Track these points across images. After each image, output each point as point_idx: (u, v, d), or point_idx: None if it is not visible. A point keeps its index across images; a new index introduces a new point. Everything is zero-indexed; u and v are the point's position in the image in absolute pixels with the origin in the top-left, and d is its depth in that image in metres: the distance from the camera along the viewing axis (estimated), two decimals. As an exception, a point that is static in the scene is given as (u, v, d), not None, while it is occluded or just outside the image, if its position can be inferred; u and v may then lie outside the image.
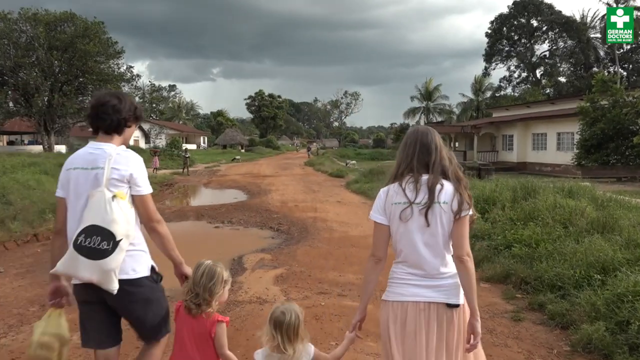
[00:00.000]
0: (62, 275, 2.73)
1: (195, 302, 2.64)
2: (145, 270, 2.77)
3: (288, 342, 2.49)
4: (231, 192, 20.09)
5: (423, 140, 2.60)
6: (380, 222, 2.56)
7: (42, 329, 2.83)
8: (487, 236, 8.09)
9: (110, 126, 2.77)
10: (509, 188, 10.70)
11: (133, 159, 2.73)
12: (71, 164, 2.76)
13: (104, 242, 2.53)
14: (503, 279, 6.38)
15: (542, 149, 32.85)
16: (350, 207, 14.33)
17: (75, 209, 2.67)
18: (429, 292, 2.49)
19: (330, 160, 44.23)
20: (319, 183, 22.90)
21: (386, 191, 2.58)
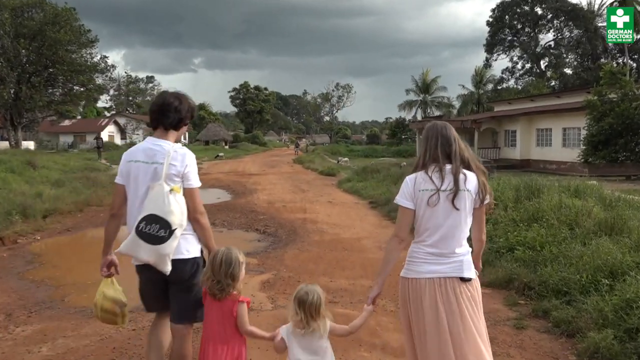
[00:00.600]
0: (124, 255, 3.30)
1: (218, 288, 3.09)
2: (197, 252, 3.37)
3: (311, 319, 2.97)
4: (214, 192, 20.00)
5: (443, 133, 3.10)
6: (406, 206, 3.00)
7: (102, 296, 3.61)
8: (488, 238, 8.10)
9: (170, 124, 3.38)
10: (511, 187, 10.75)
11: (187, 156, 3.31)
12: (132, 156, 3.36)
13: (161, 230, 3.12)
14: (505, 284, 6.41)
15: (546, 145, 33.08)
16: (342, 207, 14.34)
17: (135, 198, 3.29)
18: (444, 268, 2.97)
19: (320, 157, 44.25)
20: (308, 182, 22.89)
21: (413, 179, 3.02)
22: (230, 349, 3.12)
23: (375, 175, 20.80)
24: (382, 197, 14.86)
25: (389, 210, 12.79)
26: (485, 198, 3.04)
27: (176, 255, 3.22)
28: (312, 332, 2.99)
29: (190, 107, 3.49)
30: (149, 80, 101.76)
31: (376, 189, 16.86)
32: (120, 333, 5.14)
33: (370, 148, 61.10)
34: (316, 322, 2.99)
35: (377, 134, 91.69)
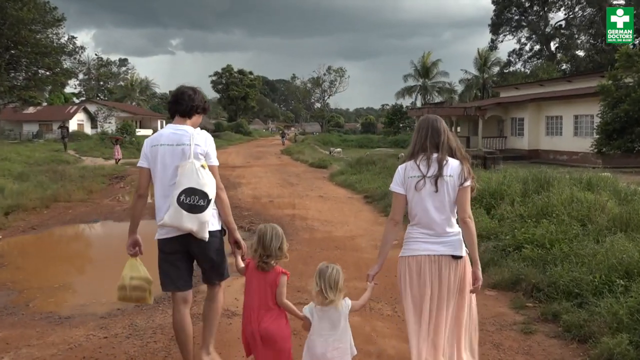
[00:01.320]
0: (168, 226, 3.98)
1: (267, 262, 3.68)
2: (219, 225, 4.12)
3: (330, 290, 3.48)
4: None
5: (434, 125, 3.73)
6: (399, 192, 3.71)
7: (130, 275, 4.32)
8: (493, 236, 8.15)
9: (184, 111, 4.14)
10: (518, 180, 10.79)
11: (208, 138, 4.11)
12: (156, 141, 4.08)
13: (201, 200, 3.85)
14: (512, 286, 6.44)
15: (556, 134, 33.26)
16: (335, 202, 14.34)
17: (164, 177, 4.01)
18: (438, 247, 3.63)
19: (311, 147, 44.21)
20: (297, 175, 22.86)
21: (404, 167, 3.73)
22: (273, 316, 3.66)
23: (370, 168, 20.82)
24: (378, 191, 14.87)
25: (385, 205, 12.80)
26: (465, 181, 3.62)
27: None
28: (331, 304, 3.51)
29: (203, 99, 4.26)
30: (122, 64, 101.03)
31: (371, 182, 16.87)
32: (90, 341, 5.12)
33: (365, 138, 61.12)
34: (334, 294, 3.50)
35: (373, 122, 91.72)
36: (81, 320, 5.74)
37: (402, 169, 3.73)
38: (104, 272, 8.03)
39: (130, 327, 5.47)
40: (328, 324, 3.55)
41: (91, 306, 6.25)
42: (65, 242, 10.80)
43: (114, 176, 22.40)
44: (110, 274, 7.87)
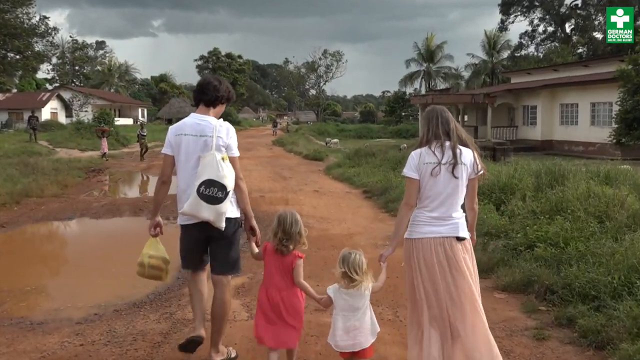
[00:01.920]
0: (187, 215, 4.47)
1: (286, 245, 4.23)
2: (238, 213, 4.62)
3: (354, 273, 3.96)
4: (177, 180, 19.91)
5: (442, 114, 4.18)
6: (413, 177, 4.09)
7: (149, 254, 4.87)
8: (503, 234, 8.17)
9: (209, 100, 4.62)
10: (531, 173, 10.80)
11: (230, 130, 4.56)
12: (181, 130, 4.55)
13: (219, 192, 4.33)
14: (523, 288, 6.45)
15: (572, 123, 33.31)
16: (332, 198, 14.34)
17: (186, 166, 4.49)
18: (443, 230, 4.07)
19: (305, 138, 44.21)
20: (291, 167, 22.84)
21: (418, 153, 4.11)
22: (290, 295, 4.25)
23: (370, 160, 20.82)
24: (378, 185, 14.87)
25: (386, 201, 12.81)
26: (479, 170, 4.12)
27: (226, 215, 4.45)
28: (355, 287, 4.00)
29: (228, 89, 4.73)
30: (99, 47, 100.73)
31: (371, 176, 16.88)
32: (65, 349, 5.10)
33: (364, 127, 61.15)
34: (360, 276, 3.98)
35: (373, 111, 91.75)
36: (55, 326, 5.73)
37: (417, 155, 4.11)
38: (79, 273, 8.02)
39: (109, 334, 5.45)
40: (351, 305, 4.05)
41: (66, 311, 6.24)
42: (38, 241, 10.78)
43: (91, 169, 22.34)
44: (86, 275, 7.87)
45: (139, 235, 10.41)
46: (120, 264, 8.21)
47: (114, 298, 6.65)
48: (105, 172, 22.07)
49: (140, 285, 7.06)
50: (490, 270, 7.04)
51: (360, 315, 4.06)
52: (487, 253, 7.48)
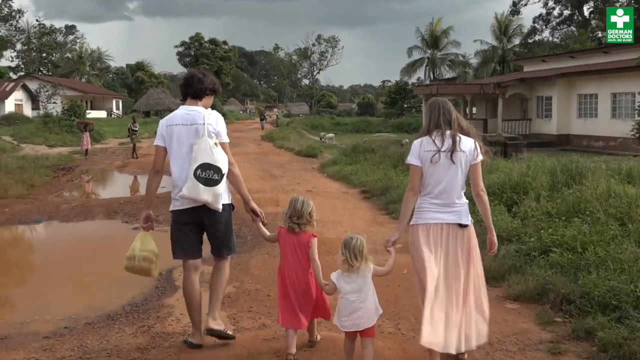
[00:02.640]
0: (186, 198, 5.10)
1: (297, 223, 5.03)
2: (228, 199, 5.30)
3: (354, 259, 4.60)
4: (157, 179, 19.88)
5: (444, 105, 4.82)
6: (416, 164, 4.72)
7: (139, 247, 5.36)
8: (515, 238, 8.18)
9: (195, 93, 5.33)
10: (545, 170, 10.82)
11: (219, 118, 5.29)
12: (171, 121, 5.27)
13: (215, 174, 5.03)
14: (537, 297, 6.46)
15: (591, 116, 33.38)
16: (327, 198, 14.35)
17: (179, 154, 5.17)
18: (447, 216, 4.70)
19: (297, 133, 44.18)
20: (282, 165, 22.84)
21: (419, 142, 4.76)
22: (304, 275, 5.08)
23: (368, 156, 20.83)
24: (378, 184, 14.88)
25: (386, 202, 12.82)
26: (478, 156, 4.74)
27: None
28: (356, 271, 4.63)
29: (213, 82, 5.43)
30: (69, 31, 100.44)
31: (370, 174, 16.90)
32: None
33: (362, 120, 61.17)
34: (359, 262, 4.61)
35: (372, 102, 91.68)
36: (20, 340, 5.71)
37: (418, 144, 4.76)
38: (47, 283, 8.00)
39: (80, 349, 5.44)
40: (353, 288, 4.66)
41: (33, 324, 6.22)
42: (0, 248, 10.75)
43: (60, 167, 22.32)
44: (55, 285, 7.85)
45: (114, 240, 10.43)
46: (93, 272, 8.20)
47: (85, 310, 6.63)
48: (77, 171, 22.02)
49: (114, 296, 7.06)
50: (501, 278, 7.06)
51: (363, 296, 4.65)
52: (497, 259, 7.48)
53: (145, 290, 7.29)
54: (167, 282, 7.59)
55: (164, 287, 7.38)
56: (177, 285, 7.43)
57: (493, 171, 12.06)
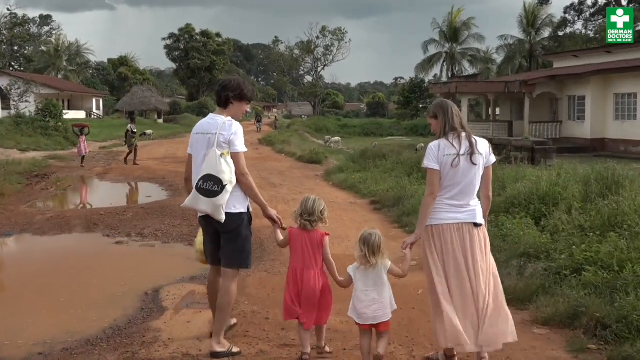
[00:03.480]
0: (187, 207, 5.88)
1: (309, 220, 5.63)
2: (243, 208, 5.85)
3: (372, 255, 5.20)
4: (142, 188, 19.88)
5: (453, 107, 5.35)
6: (435, 168, 5.19)
7: (200, 240, 6.36)
8: (543, 254, 8.17)
9: (219, 102, 5.97)
10: (578, 179, 10.81)
11: (233, 126, 5.75)
12: (195, 129, 6.00)
13: (215, 185, 5.53)
14: (568, 322, 6.45)
15: (629, 117, 33.36)
16: (332, 209, 14.30)
17: (196, 163, 5.83)
18: (462, 215, 5.23)
19: (299, 136, 44.21)
20: (281, 172, 22.85)
21: (437, 145, 5.25)
22: (315, 274, 5.61)
23: (379, 163, 20.81)
24: (389, 194, 14.87)
25: (399, 213, 12.82)
26: (492, 157, 5.35)
27: (226, 210, 5.64)
28: (373, 267, 5.23)
29: (239, 87, 5.94)
30: (44, 22, 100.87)
31: (381, 183, 16.91)
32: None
33: (372, 122, 61.22)
34: (376, 259, 5.21)
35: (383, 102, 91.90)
36: (-10, 368, 5.72)
37: (436, 147, 5.23)
38: (20, 303, 8.00)
39: (57, 378, 5.45)
40: (369, 282, 5.25)
41: (3, 350, 6.22)
42: (-32, 264, 10.76)
43: (34, 174, 22.34)
44: (29, 306, 7.85)
45: (94, 256, 10.46)
46: (70, 291, 8.21)
47: (62, 334, 6.63)
48: (52, 178, 22.06)
49: (94, 318, 7.07)
50: (527, 300, 7.05)
51: (379, 290, 5.23)
52: (524, 279, 7.48)
53: (129, 312, 7.30)
54: (153, 303, 7.59)
55: (150, 309, 7.38)
56: (164, 306, 7.45)
57: (519, 180, 12.06)
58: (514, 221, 9.62)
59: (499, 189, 11.67)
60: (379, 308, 5.19)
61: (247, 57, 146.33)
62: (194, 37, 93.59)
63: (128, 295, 7.91)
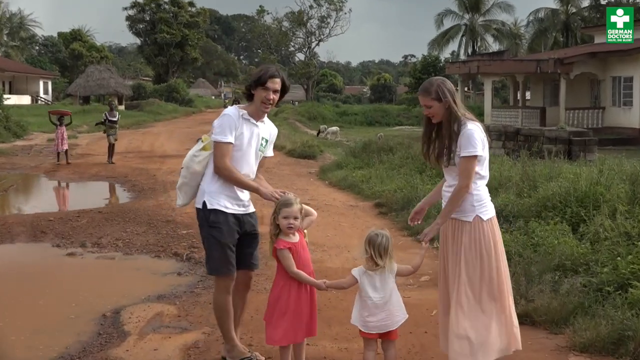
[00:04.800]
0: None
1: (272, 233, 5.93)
2: (199, 203, 6.28)
3: (379, 257, 5.48)
4: (99, 188, 19.89)
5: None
6: (482, 155, 5.58)
7: None
8: (582, 267, 8.18)
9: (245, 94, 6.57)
10: (624, 177, 10.82)
11: (222, 115, 6.33)
12: None
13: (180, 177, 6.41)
14: (612, 348, 6.47)
15: (685, 103, 33.40)
16: (329, 214, 14.36)
17: None
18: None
19: (289, 125, 44.20)
20: (268, 170, 22.68)
21: (479, 128, 5.58)
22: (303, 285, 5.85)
23: (385, 158, 20.79)
24: (397, 195, 14.83)
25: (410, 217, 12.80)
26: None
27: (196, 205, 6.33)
28: (380, 270, 5.51)
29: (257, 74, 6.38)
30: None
31: (387, 182, 16.92)
32: None
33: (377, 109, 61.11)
34: (383, 261, 5.48)
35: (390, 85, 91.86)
36: None
37: (480, 130, 5.59)
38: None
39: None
40: (376, 287, 5.53)
41: None
42: None
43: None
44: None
45: (42, 271, 10.43)
46: (13, 313, 8.19)
47: (3, 364, 6.65)
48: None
49: (41, 346, 7.06)
50: (563, 322, 7.05)
51: (387, 296, 5.52)
52: (559, 296, 7.48)
53: (84, 338, 7.28)
54: (112, 327, 7.57)
55: (109, 334, 7.36)
56: (126, 331, 7.43)
57: (553, 178, 12.06)
58: (547, 227, 9.61)
59: (529, 189, 11.69)
60: (387, 316, 5.48)
61: (226, 30, 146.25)
62: (161, 6, 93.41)
63: (82, 318, 7.88)
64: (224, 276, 6.24)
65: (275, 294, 5.82)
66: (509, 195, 11.73)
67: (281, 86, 6.34)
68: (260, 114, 6.41)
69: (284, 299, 5.74)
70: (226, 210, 6.24)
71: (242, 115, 6.28)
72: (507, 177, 13.23)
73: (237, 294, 6.40)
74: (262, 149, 6.67)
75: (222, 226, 6.19)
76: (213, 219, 6.17)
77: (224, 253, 6.17)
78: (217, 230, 6.18)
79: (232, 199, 6.32)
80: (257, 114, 6.37)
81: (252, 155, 6.49)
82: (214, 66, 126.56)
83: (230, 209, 6.27)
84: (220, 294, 6.26)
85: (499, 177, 13.18)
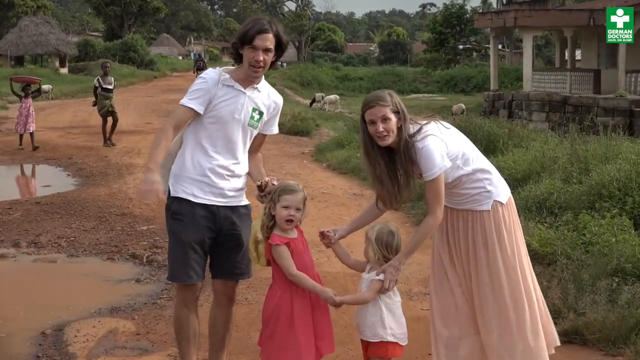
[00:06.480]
0: None
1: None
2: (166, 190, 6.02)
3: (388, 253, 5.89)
4: (39, 173, 19.93)
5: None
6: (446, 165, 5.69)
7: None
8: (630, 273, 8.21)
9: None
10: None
11: (197, 77, 6.45)
12: None
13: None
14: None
15: None
16: (327, 204, 14.41)
17: None
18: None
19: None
20: (249, 149, 22.85)
21: (431, 127, 5.87)
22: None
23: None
24: (414, 181, 14.85)
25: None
26: None
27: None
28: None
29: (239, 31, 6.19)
30: None
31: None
32: None
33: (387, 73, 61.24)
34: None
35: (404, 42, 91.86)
36: None
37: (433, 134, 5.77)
38: None
39: None
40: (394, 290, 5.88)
41: None
42: None
43: None
44: None
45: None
46: None
47: None
48: None
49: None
50: (622, 341, 7.07)
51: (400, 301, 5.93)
52: (617, 308, 7.50)
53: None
54: (54, 348, 7.59)
55: (49, 356, 7.38)
56: (71, 352, 7.45)
57: (610, 159, 12.06)
58: (602, 222, 9.62)
59: (579, 173, 11.68)
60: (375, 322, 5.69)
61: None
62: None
63: (16, 337, 7.92)
64: (183, 284, 6.14)
65: (270, 307, 5.56)
66: (554, 181, 11.72)
67: (276, 43, 5.97)
68: (250, 79, 6.06)
69: (285, 314, 5.46)
70: (194, 200, 5.96)
71: (223, 80, 6.04)
72: (552, 159, 13.22)
73: (218, 307, 6.35)
74: (252, 123, 6.26)
75: (185, 219, 5.94)
76: (175, 209, 5.99)
77: (184, 254, 5.97)
78: (178, 223, 5.99)
79: (205, 185, 6.01)
80: (246, 79, 6.05)
81: (235, 129, 6.13)
82: (182, 18, 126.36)
83: (200, 198, 5.97)
84: (177, 306, 6.29)
85: (541, 158, 13.20)
